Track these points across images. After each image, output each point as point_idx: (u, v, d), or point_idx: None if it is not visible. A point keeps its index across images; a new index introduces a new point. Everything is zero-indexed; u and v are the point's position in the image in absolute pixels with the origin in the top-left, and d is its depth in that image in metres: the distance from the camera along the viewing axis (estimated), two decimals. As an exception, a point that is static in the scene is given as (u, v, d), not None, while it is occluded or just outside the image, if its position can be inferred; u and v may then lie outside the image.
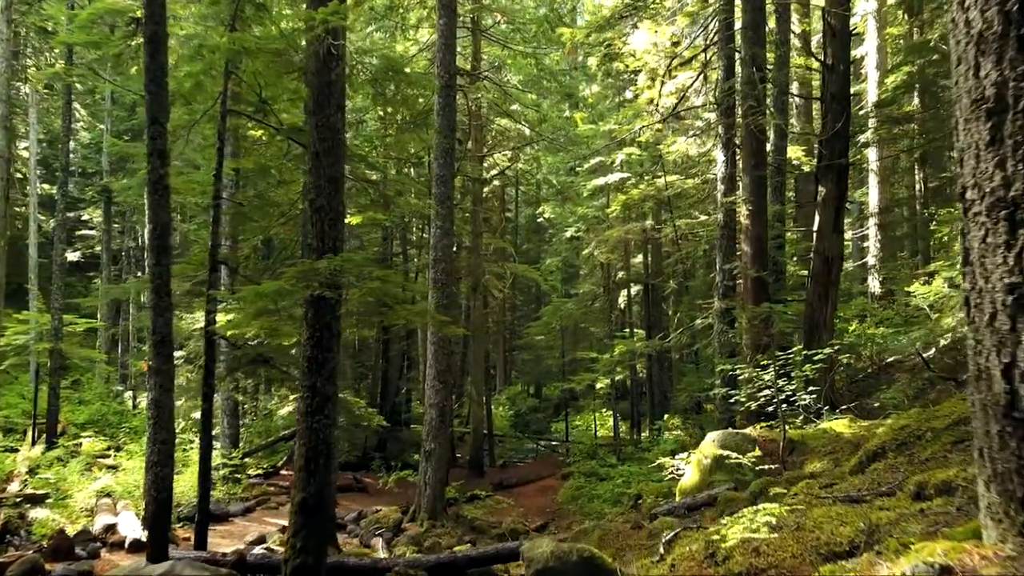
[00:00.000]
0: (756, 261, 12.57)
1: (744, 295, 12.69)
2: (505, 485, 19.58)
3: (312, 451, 6.81)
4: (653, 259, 25.38)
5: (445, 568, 8.24)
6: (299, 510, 6.73)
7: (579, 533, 7.58)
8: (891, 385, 14.58)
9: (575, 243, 30.50)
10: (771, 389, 8.84)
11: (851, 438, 8.01)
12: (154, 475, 8.12)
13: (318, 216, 7.00)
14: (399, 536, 13.25)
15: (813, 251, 12.59)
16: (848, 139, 12.51)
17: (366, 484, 18.40)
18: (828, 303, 12.22)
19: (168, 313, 8.29)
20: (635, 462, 18.71)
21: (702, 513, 7.57)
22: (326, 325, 6.93)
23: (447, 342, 14.55)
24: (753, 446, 8.41)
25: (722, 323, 12.86)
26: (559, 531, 15.77)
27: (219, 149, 9.48)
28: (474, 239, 21.66)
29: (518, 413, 32.88)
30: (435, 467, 14.21)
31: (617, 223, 24.16)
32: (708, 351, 13.43)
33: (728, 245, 13.31)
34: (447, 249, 14.52)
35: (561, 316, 27.33)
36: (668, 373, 27.89)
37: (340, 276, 6.62)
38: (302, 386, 6.97)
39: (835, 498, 4.35)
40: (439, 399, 14.33)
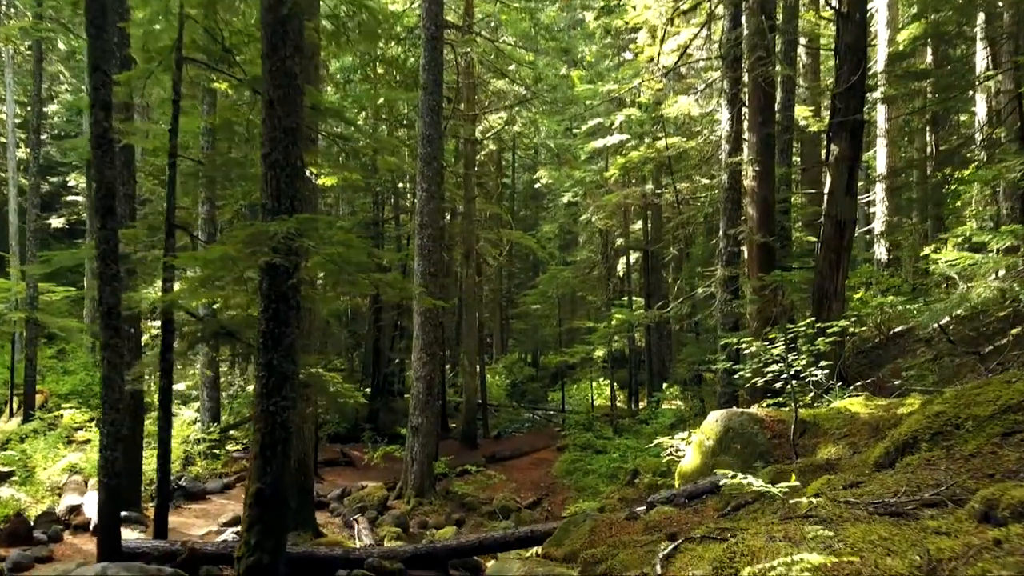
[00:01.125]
0: (762, 226, 11.75)
1: (749, 262, 11.90)
2: (498, 458, 18.99)
3: (269, 436, 6.08)
4: (653, 225, 24.54)
5: (423, 559, 7.58)
6: (254, 502, 6.03)
7: (568, 524, 6.89)
8: (902, 357, 13.90)
9: (572, 209, 29.61)
10: (779, 364, 8.10)
11: (868, 419, 7.28)
12: (104, 459, 7.40)
13: (273, 172, 6.18)
14: (384, 515, 12.65)
15: (824, 215, 11.77)
16: (864, 94, 11.62)
17: (354, 458, 17.79)
18: (839, 271, 11.43)
19: (116, 282, 7.49)
20: (632, 435, 18.09)
21: (704, 502, 6.87)
22: (283, 296, 6.16)
23: (435, 312, 13.80)
24: (760, 427, 7.69)
25: (725, 292, 12.08)
26: (552, 507, 15.19)
27: (175, 102, 8.60)
28: (466, 204, 20.81)
29: (514, 383, 32.28)
30: (422, 442, 13.56)
31: (616, 187, 23.25)
32: (710, 322, 12.69)
33: (732, 209, 12.47)
34: (433, 214, 13.70)
35: (558, 284, 26.56)
36: (667, 341, 27.21)
37: (295, 240, 5.83)
38: (257, 364, 6.22)
39: (869, 508, 3.60)
40: (426, 372, 13.63)
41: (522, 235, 24.10)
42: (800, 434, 7.35)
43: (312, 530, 10.71)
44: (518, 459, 19.32)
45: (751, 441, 7.59)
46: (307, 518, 10.69)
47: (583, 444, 18.64)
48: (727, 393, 11.89)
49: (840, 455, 6.45)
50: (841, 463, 5.97)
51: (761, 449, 7.50)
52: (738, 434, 7.70)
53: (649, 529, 6.36)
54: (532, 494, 16.00)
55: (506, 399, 30.47)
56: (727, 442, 7.75)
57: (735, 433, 7.72)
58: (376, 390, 25.34)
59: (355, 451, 19.09)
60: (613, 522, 6.72)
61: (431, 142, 13.61)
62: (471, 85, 20.50)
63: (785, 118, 14.31)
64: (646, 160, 20.15)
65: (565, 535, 6.83)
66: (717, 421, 7.99)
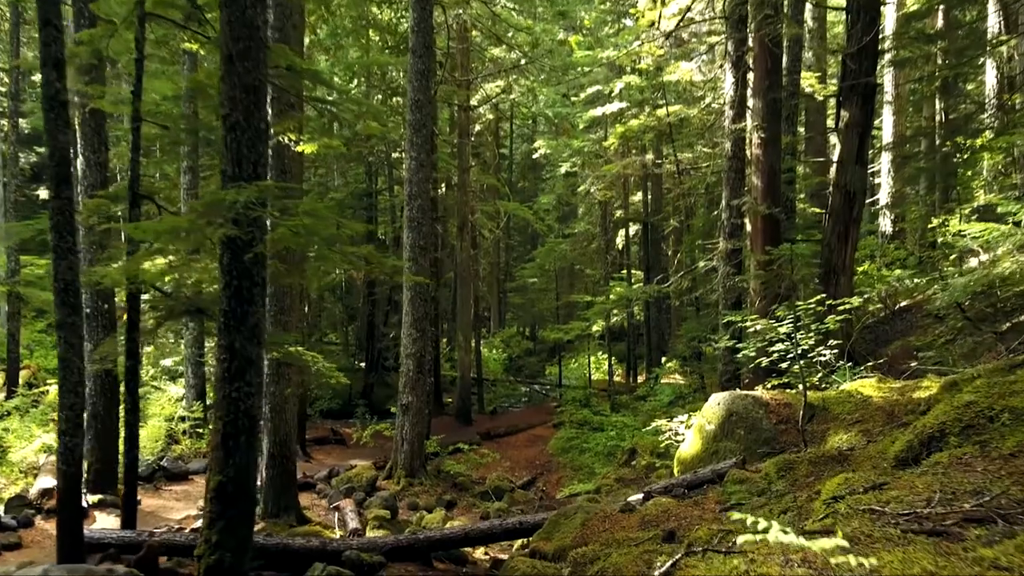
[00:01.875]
0: (768, 196, 11.16)
1: (753, 235, 11.34)
2: (493, 435, 18.57)
3: (231, 425, 5.57)
4: (653, 196, 23.91)
5: (405, 551, 7.12)
6: (215, 496, 5.53)
7: (559, 516, 6.41)
8: (911, 333, 13.40)
9: (571, 180, 28.94)
10: (786, 343, 7.59)
11: (882, 403, 6.78)
12: (64, 446, 6.91)
13: (232, 135, 5.60)
14: (373, 496, 12.20)
15: (832, 185, 11.19)
16: (877, 55, 10.97)
17: (344, 436, 17.36)
18: (848, 244, 10.89)
19: (72, 256, 6.94)
20: (630, 412, 17.67)
21: (705, 493, 6.39)
22: (245, 272, 5.61)
23: (425, 287, 13.26)
24: (764, 412, 7.19)
25: (728, 266, 11.54)
26: (547, 487, 14.79)
27: (138, 61, 7.96)
28: (461, 175, 20.16)
29: (512, 357, 31.84)
30: (412, 421, 13.10)
31: (615, 157, 22.60)
32: (711, 297, 12.17)
33: (736, 179, 11.88)
34: (424, 184, 13.09)
35: (555, 258, 26.03)
36: (666, 315, 26.73)
37: (255, 211, 5.26)
38: (219, 346, 5.69)
39: (900, 521, 3.09)
40: (416, 348, 13.12)
41: (519, 207, 23.48)
42: (808, 419, 6.85)
43: (295, 514, 10.29)
44: (513, 436, 18.91)
45: (755, 426, 7.10)
46: (290, 502, 10.26)
47: (580, 421, 18.23)
48: (728, 371, 11.40)
49: (853, 444, 5.95)
50: (855, 455, 5.47)
51: (766, 435, 7.01)
52: (741, 419, 7.20)
53: (645, 523, 5.88)
54: (527, 473, 15.60)
55: (503, 374, 30.05)
56: (730, 427, 7.26)
57: (738, 418, 7.22)
58: (370, 365, 24.91)
59: (347, 428, 18.68)
60: (607, 515, 6.24)
61: (421, 108, 12.97)
62: (465, 50, 19.74)
63: (791, 82, 13.66)
64: (646, 129, 19.49)
65: (555, 528, 6.36)
66: (719, 404, 7.50)
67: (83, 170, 11.03)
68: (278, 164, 10.04)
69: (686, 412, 14.33)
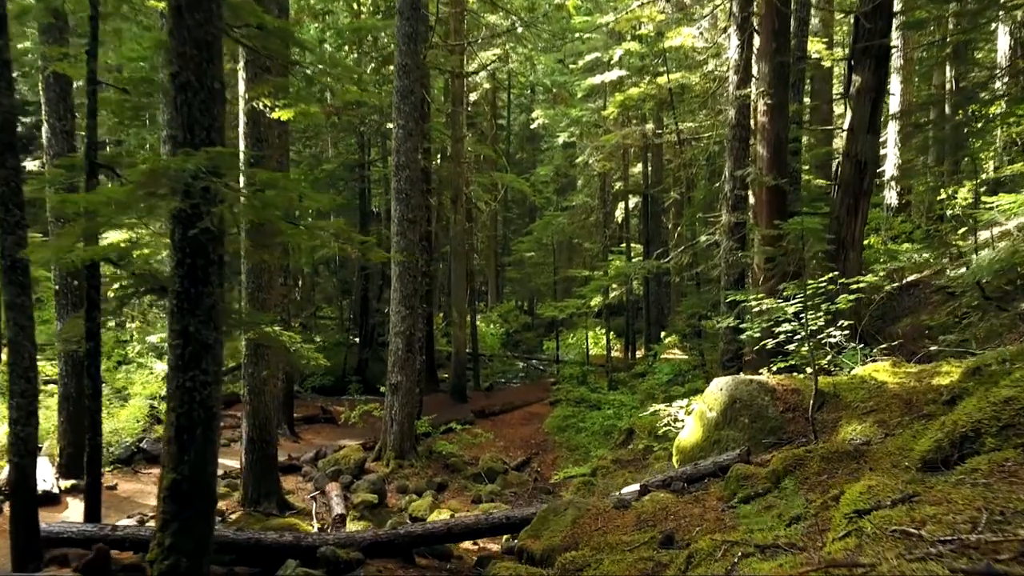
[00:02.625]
0: (774, 166, 10.57)
1: (758, 207, 10.76)
2: (488, 413, 18.13)
3: (186, 418, 5.06)
4: (653, 167, 23.25)
5: (385, 546, 6.66)
6: (169, 496, 5.04)
7: (548, 512, 5.93)
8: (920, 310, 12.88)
9: (570, 151, 28.23)
10: (794, 324, 7.09)
11: (898, 390, 6.27)
12: (14, 436, 6.42)
13: (183, 96, 5.01)
14: (360, 479, 11.77)
15: (842, 154, 10.60)
16: (891, 16, 10.30)
17: (335, 414, 16.89)
18: (858, 217, 10.33)
19: (20, 231, 6.40)
20: (628, 390, 17.21)
21: (706, 488, 5.91)
22: (200, 249, 5.06)
23: (414, 263, 12.71)
24: (771, 398, 6.68)
25: (731, 240, 10.97)
26: (542, 468, 14.36)
27: (92, 18, 7.36)
28: (454, 145, 19.50)
29: (509, 332, 31.37)
30: (402, 401, 12.63)
31: (614, 127, 21.90)
32: (713, 272, 11.62)
33: (740, 148, 11.26)
34: (412, 153, 12.47)
35: (553, 231, 25.43)
36: (666, 289, 26.21)
37: (204, 181, 4.70)
38: (171, 331, 5.16)
39: (943, 553, 2.58)
40: (406, 326, 12.61)
41: (515, 178, 22.81)
42: (818, 407, 6.34)
43: (277, 500, 9.85)
44: (509, 414, 18.48)
45: (761, 414, 6.59)
46: (271, 488, 9.82)
47: (576, 399, 17.79)
48: (730, 351, 10.90)
49: (869, 437, 5.45)
50: (872, 451, 4.97)
51: (772, 424, 6.51)
52: (746, 405, 6.70)
53: (642, 523, 5.41)
54: (521, 453, 15.18)
55: (500, 349, 29.61)
56: (733, 414, 6.76)
57: (742, 404, 6.72)
58: (364, 340, 24.43)
59: (338, 406, 18.23)
60: (600, 511, 5.77)
61: (408, 73, 12.30)
62: (458, 14, 18.98)
63: (798, 47, 12.96)
64: (646, 97, 18.79)
65: (544, 525, 5.89)
66: (721, 390, 6.99)
67: (48, 138, 10.44)
68: (253, 132, 9.43)
69: (685, 394, 13.86)
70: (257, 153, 9.35)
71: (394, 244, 12.48)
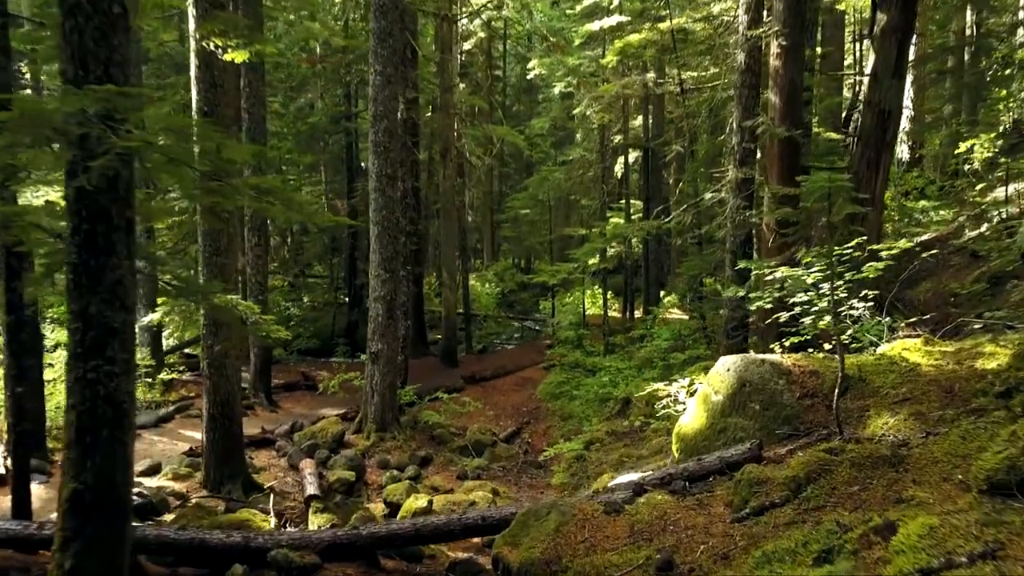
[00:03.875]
0: (787, 116, 9.55)
1: (769, 161, 9.79)
2: (479, 378, 17.38)
3: (88, 416, 4.21)
4: (654, 120, 22.12)
5: (345, 549, 5.88)
6: (71, 509, 4.22)
7: (529, 516, 5.13)
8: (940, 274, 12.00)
9: (568, 103, 26.97)
10: (811, 294, 6.21)
11: (934, 374, 5.42)
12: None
13: (72, 22, 4.06)
14: (338, 454, 11.03)
15: (863, 102, 9.59)
16: (923, -55, 9.19)
17: (317, 380, 16.08)
18: (879, 172, 9.38)
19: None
20: (625, 355, 16.41)
21: (711, 489, 5.09)
22: (101, 212, 4.15)
23: (394, 222, 11.77)
24: (786, 382, 5.83)
25: (738, 198, 10.01)
26: (533, 440, 13.62)
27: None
28: (443, 95, 18.35)
29: (505, 292, 30.50)
30: (383, 370, 11.83)
31: (614, 77, 20.69)
32: (719, 233, 10.70)
33: (749, 96, 10.22)
34: (390, 102, 11.43)
35: (549, 187, 24.36)
36: (666, 247, 25.30)
37: (96, 126, 3.76)
38: (69, 312, 4.27)
39: None
40: (386, 291, 11.73)
41: (508, 131, 21.69)
42: (842, 392, 5.48)
43: (243, 481, 9.10)
44: (500, 379, 17.73)
45: (774, 400, 5.75)
46: (235, 469, 9.05)
47: (572, 363, 17.02)
48: (735, 318, 10.03)
49: (907, 434, 4.61)
50: (914, 456, 4.13)
51: (788, 412, 5.67)
52: (757, 390, 5.85)
53: (636, 535, 4.60)
54: (512, 422, 14.44)
55: (495, 309, 28.81)
56: (742, 399, 5.92)
57: (753, 388, 5.87)
58: (353, 301, 23.57)
59: (322, 371, 17.47)
60: (587, 517, 4.96)
61: (386, 13, 11.20)
62: (446, -48, 17.67)
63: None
64: (647, 44, 17.57)
65: (524, 531, 5.08)
66: (729, 371, 6.13)
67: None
68: (206, 77, 8.40)
69: (686, 362, 13.08)
70: (209, 100, 8.35)
71: (372, 202, 11.54)
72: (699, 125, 20.38)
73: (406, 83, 13.97)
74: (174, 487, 8.86)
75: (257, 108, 13.38)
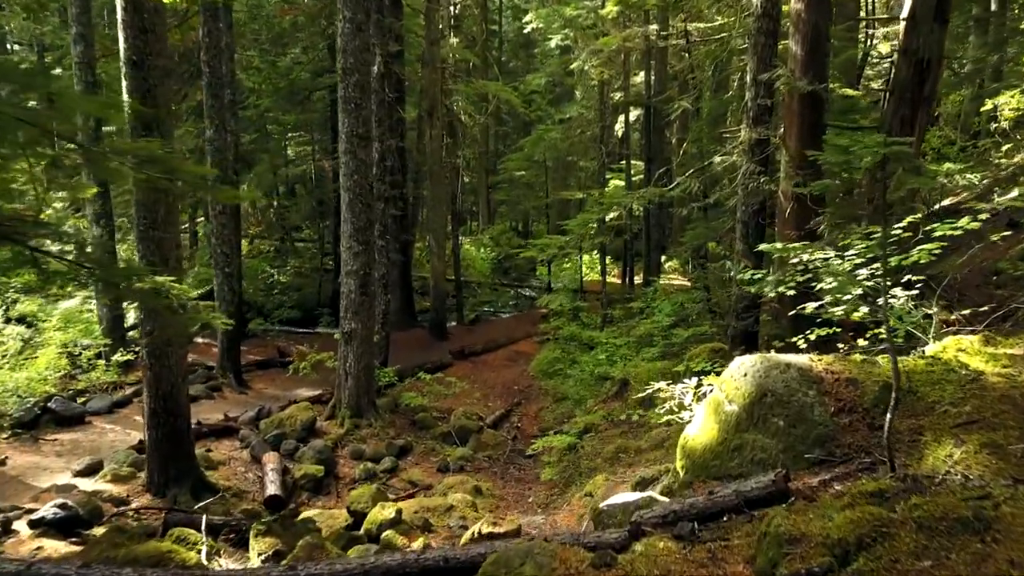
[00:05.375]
0: (810, 67, 8.32)
1: (788, 120, 8.57)
2: (468, 353, 16.39)
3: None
4: (657, 75, 20.73)
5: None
6: None
7: (498, 565, 4.11)
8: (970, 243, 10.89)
9: (566, 58, 25.48)
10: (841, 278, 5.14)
11: (1004, 386, 4.35)
12: None
13: None
14: (307, 445, 10.06)
15: (899, 50, 8.37)
16: None
17: (294, 356, 14.99)
18: (915, 131, 8.19)
19: None
20: (623, 329, 15.36)
21: (727, 535, 4.05)
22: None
23: (367, 188, 10.61)
24: (816, 392, 4.77)
25: (751, 162, 8.85)
26: (523, 424, 12.61)
27: None
28: (429, 48, 17.00)
29: (500, 257, 29.33)
30: (358, 351, 10.79)
31: (614, 29, 19.27)
32: (730, 202, 9.55)
33: (766, 45, 8.99)
34: (361, 53, 10.18)
35: (545, 147, 23.04)
36: (668, 209, 24.08)
37: None
38: None
39: None
40: (359, 264, 10.64)
41: (500, 87, 20.35)
42: (891, 406, 4.41)
43: (193, 482, 8.12)
44: (492, 353, 16.75)
45: (803, 416, 4.69)
46: (183, 468, 8.06)
47: (567, 336, 16.00)
48: (746, 299, 8.93)
49: (984, 478, 3.55)
50: (1005, 518, 3.07)
51: (819, 432, 4.61)
52: (780, 401, 4.79)
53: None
54: (502, 403, 13.47)
55: (490, 275, 27.70)
56: (762, 412, 4.86)
57: (776, 399, 4.81)
58: (339, 268, 22.43)
59: (301, 345, 16.42)
60: (570, 572, 3.93)
61: (355, -49, 9.90)
62: None
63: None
64: (650, -9, 16.19)
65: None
66: (746, 375, 5.06)
67: None
68: (135, 21, 7.18)
69: (688, 339, 12.02)
70: (139, 48, 7.14)
71: (342, 166, 10.39)
72: (703, 82, 19.02)
73: (385, 33, 12.67)
74: (112, 491, 7.87)
75: (219, 61, 12.12)
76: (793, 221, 8.37)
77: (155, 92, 7.35)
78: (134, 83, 7.29)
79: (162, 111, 7.42)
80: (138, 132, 7.33)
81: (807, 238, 8.35)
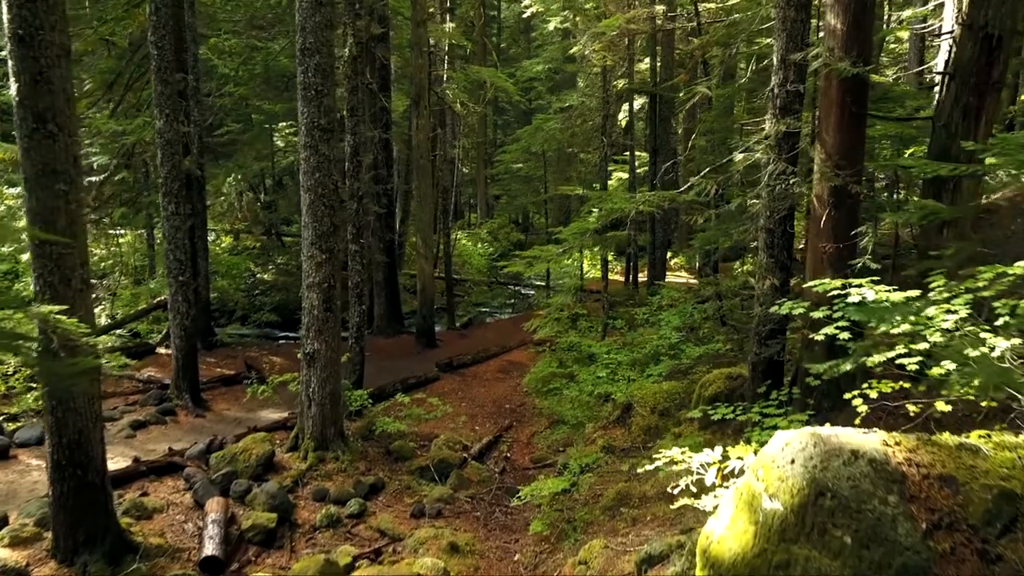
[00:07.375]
0: (852, 45, 6.85)
1: (825, 109, 7.12)
2: (456, 365, 15.03)
3: None
4: (663, 60, 19.29)
5: None
6: None
7: None
8: None
9: (567, 44, 23.99)
10: (917, 322, 3.81)
11: None
12: None
13: None
14: (260, 487, 8.72)
15: (960, 24, 6.92)
16: None
17: (264, 372, 13.62)
18: (981, 123, 6.78)
19: None
20: (626, 339, 13.95)
21: None
22: None
23: (331, 187, 9.20)
24: (898, 495, 3.38)
25: (779, 160, 7.42)
26: (513, 450, 11.30)
27: None
28: (415, 30, 15.56)
29: (498, 254, 27.92)
30: (321, 376, 9.44)
31: (617, 9, 17.81)
32: (754, 205, 8.12)
33: (797, 20, 7.54)
34: (322, 32, 8.76)
35: (544, 138, 21.60)
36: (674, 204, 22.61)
37: None
38: None
39: None
40: (322, 276, 9.26)
41: (495, 73, 18.92)
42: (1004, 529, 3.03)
43: (111, 544, 6.77)
44: (483, 364, 15.40)
45: (880, 533, 3.31)
46: (98, 528, 6.71)
47: (565, 346, 14.59)
48: (771, 320, 7.52)
49: None
50: None
51: (908, 561, 3.22)
52: (845, 508, 3.41)
53: None
54: (491, 425, 12.13)
55: (488, 273, 26.36)
56: (819, 518, 3.48)
57: (839, 504, 3.43)
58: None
59: (275, 356, 15.08)
60: None
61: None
62: None
63: None
64: (657, -33, 14.73)
65: None
66: (794, 463, 3.68)
67: None
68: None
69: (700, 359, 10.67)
70: (27, 21, 5.75)
71: (302, 161, 8.99)
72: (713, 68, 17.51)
73: (356, 9, 11.22)
74: (9, 559, 6.52)
75: (169, 40, 10.70)
76: (829, 231, 6.96)
77: (49, 75, 5.97)
78: (22, 64, 5.91)
79: (59, 99, 6.05)
80: (29, 126, 5.96)
81: (846, 252, 6.98)
